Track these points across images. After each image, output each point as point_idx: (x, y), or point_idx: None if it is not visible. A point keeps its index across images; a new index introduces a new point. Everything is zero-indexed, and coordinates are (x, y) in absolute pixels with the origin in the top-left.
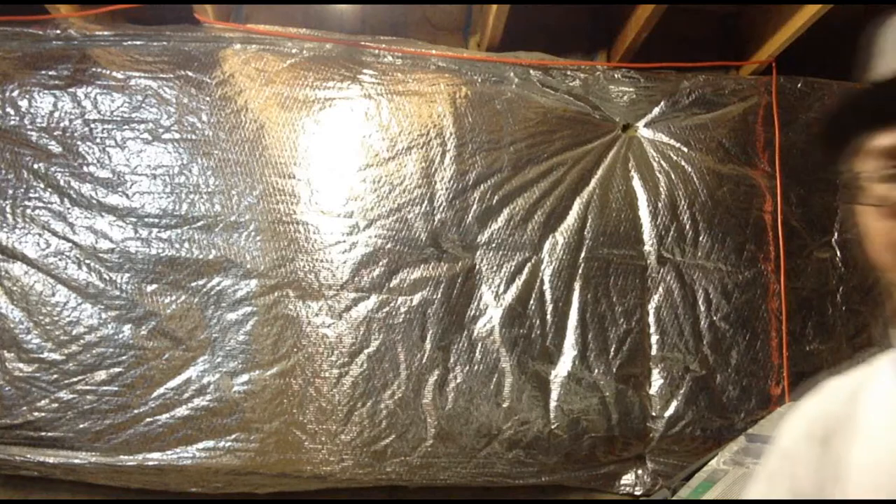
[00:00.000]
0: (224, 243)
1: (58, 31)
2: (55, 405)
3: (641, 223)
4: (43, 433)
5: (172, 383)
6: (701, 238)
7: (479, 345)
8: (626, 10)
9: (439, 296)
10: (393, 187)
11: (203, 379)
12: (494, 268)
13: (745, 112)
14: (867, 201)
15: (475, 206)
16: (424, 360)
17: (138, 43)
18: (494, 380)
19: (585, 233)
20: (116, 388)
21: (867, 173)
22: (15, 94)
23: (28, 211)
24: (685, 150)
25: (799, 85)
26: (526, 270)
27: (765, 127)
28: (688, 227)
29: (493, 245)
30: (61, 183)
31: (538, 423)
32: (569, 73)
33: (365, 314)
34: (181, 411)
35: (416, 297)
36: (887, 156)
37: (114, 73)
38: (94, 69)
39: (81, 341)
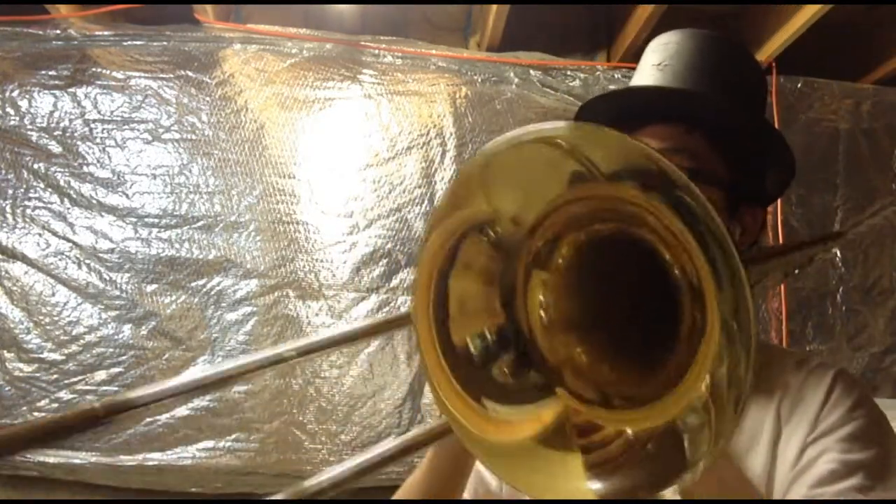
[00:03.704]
0: (224, 243)
1: (58, 31)
2: (55, 405)
3: None
4: None
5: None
6: None
7: None
8: (626, 10)
9: None
10: (393, 187)
11: None
12: None
13: None
14: None
15: None
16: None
17: (138, 43)
18: None
19: None
20: (116, 388)
21: None
22: (15, 94)
23: (28, 211)
24: None
25: (799, 85)
26: None
27: None
28: None
29: None
30: (61, 183)
31: None
32: (569, 73)
33: (365, 314)
34: (181, 411)
35: None
36: None
37: (114, 73)
38: (94, 69)
39: (81, 341)
